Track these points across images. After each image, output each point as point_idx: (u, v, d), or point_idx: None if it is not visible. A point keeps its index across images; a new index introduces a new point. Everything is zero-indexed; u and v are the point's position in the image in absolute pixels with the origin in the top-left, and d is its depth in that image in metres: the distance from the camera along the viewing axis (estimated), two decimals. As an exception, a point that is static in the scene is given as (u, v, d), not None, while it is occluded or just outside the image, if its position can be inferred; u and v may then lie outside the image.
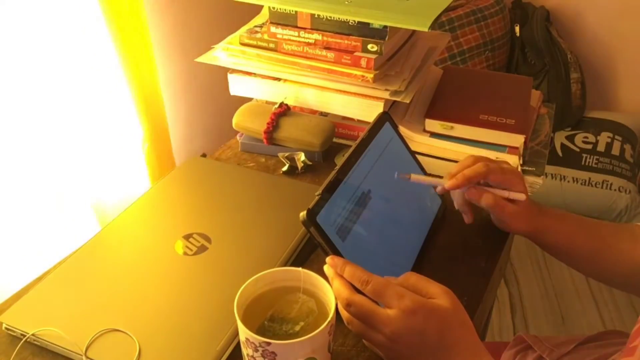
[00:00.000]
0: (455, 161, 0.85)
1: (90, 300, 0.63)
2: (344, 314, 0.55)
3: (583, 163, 1.94)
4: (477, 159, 0.70)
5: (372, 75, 0.83)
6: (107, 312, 0.62)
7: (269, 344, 0.50)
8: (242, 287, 0.54)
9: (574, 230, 0.72)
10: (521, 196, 0.69)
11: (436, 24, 0.76)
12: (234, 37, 0.92)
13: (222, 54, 0.91)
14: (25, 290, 0.66)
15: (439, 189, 0.72)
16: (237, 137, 0.93)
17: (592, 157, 1.96)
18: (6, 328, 0.61)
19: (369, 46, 0.83)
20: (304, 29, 0.85)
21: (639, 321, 0.62)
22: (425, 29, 0.76)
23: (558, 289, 1.75)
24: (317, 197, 0.57)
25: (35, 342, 0.60)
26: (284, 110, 0.89)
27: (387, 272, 0.64)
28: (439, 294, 0.54)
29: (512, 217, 0.70)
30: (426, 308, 0.52)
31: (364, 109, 0.86)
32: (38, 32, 0.82)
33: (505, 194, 0.69)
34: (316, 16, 0.83)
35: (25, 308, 0.62)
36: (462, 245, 0.74)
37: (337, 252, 0.57)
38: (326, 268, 0.57)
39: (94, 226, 0.98)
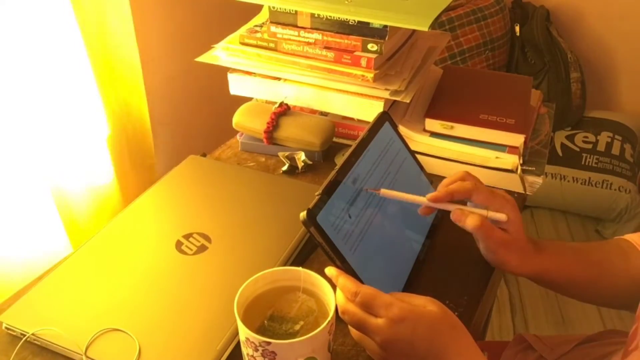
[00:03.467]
0: (456, 161, 0.85)
1: (90, 300, 0.63)
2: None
3: (583, 163, 1.94)
4: (468, 176, 0.66)
5: (372, 75, 0.83)
6: (107, 311, 0.62)
7: (269, 343, 0.50)
8: (242, 287, 0.54)
9: (571, 263, 0.69)
10: (501, 216, 0.63)
11: (436, 24, 0.76)
12: (234, 36, 0.92)
13: (222, 53, 0.91)
14: (25, 289, 0.66)
15: (420, 209, 0.65)
16: (237, 136, 0.93)
17: (592, 156, 1.96)
18: (6, 327, 0.61)
19: (369, 46, 0.83)
20: (304, 28, 0.85)
21: (636, 321, 0.62)
22: (425, 29, 0.76)
23: (558, 288, 1.75)
24: (317, 197, 0.57)
25: (35, 342, 0.60)
26: (284, 110, 0.89)
27: (387, 271, 0.64)
28: (425, 302, 0.54)
29: (501, 246, 0.64)
30: (414, 314, 0.52)
31: (363, 108, 0.86)
32: (9, 27, 0.82)
33: (484, 212, 0.63)
34: (316, 16, 0.83)
35: (25, 308, 0.62)
36: (462, 245, 0.74)
37: (337, 252, 0.57)
38: (327, 270, 0.57)
39: (53, 216, 0.97)
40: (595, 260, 0.70)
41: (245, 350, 0.54)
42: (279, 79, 0.90)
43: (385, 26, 0.81)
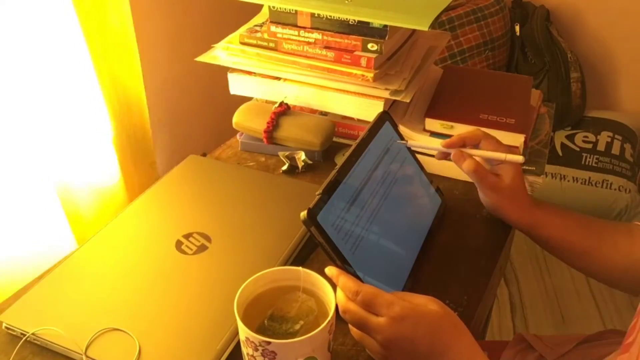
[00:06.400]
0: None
1: (90, 300, 0.63)
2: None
3: (583, 162, 1.94)
4: (479, 130, 0.71)
5: (372, 75, 0.82)
6: (107, 311, 0.62)
7: (269, 343, 0.50)
8: (242, 287, 0.54)
9: (571, 225, 0.71)
10: (518, 158, 0.68)
11: (436, 23, 0.76)
12: (234, 36, 0.92)
13: (222, 53, 0.91)
14: (25, 289, 0.66)
15: (437, 154, 0.73)
16: (237, 136, 0.93)
17: (592, 156, 1.96)
18: (6, 327, 0.61)
19: (369, 45, 0.83)
20: (304, 28, 0.85)
21: (636, 316, 0.62)
22: (425, 28, 0.76)
23: (558, 288, 1.75)
24: (317, 197, 0.57)
25: (35, 342, 0.60)
26: (284, 110, 0.89)
27: (387, 271, 0.64)
28: (427, 302, 0.54)
29: (494, 190, 0.70)
30: (415, 313, 0.53)
31: (364, 108, 0.86)
32: (12, 27, 0.82)
33: (502, 156, 0.69)
34: (316, 15, 0.83)
35: (25, 307, 0.62)
36: (462, 244, 0.74)
37: (338, 252, 0.57)
38: (327, 269, 0.57)
39: (58, 213, 0.97)
40: (598, 231, 0.71)
41: (245, 350, 0.54)
42: (279, 78, 0.90)
43: (385, 26, 0.81)
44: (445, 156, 0.73)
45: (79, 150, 0.99)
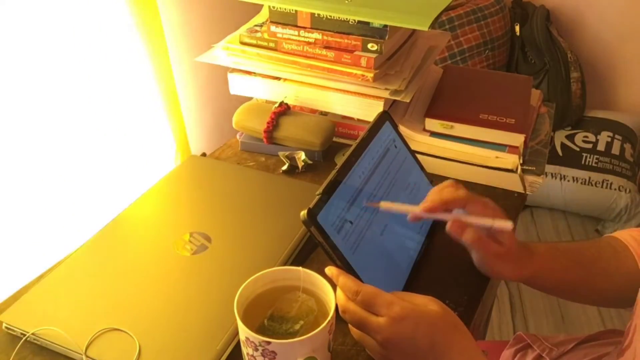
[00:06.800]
0: (456, 160, 0.85)
1: (90, 300, 0.63)
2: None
3: (583, 162, 1.94)
4: (459, 186, 0.64)
5: (372, 75, 0.82)
6: (107, 311, 0.62)
7: (269, 343, 0.50)
8: (242, 286, 0.54)
9: (565, 265, 0.69)
10: (508, 225, 0.61)
11: (436, 23, 0.76)
12: (234, 36, 0.92)
13: (222, 53, 0.91)
14: (25, 289, 0.66)
15: (409, 216, 0.64)
16: (237, 136, 0.93)
17: (592, 156, 1.96)
18: (6, 327, 0.61)
19: (369, 45, 0.83)
20: (304, 28, 0.85)
21: (630, 318, 0.62)
22: (425, 28, 0.76)
23: (558, 288, 1.75)
24: (317, 197, 0.57)
25: (35, 341, 0.60)
26: (284, 110, 0.89)
27: (387, 271, 0.64)
28: (427, 302, 0.54)
29: (497, 259, 0.64)
30: (415, 313, 0.53)
31: (364, 108, 0.86)
32: (64, 33, 0.83)
33: (489, 222, 0.61)
34: (316, 15, 0.83)
35: (25, 307, 0.62)
36: (462, 244, 0.74)
37: (338, 252, 0.57)
38: (327, 269, 0.57)
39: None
40: (586, 261, 0.70)
41: (245, 350, 0.54)
42: (279, 78, 0.90)
43: (385, 26, 0.81)
44: (420, 219, 0.65)
45: (86, 150, 0.99)
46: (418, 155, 0.77)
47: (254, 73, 0.91)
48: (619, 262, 0.69)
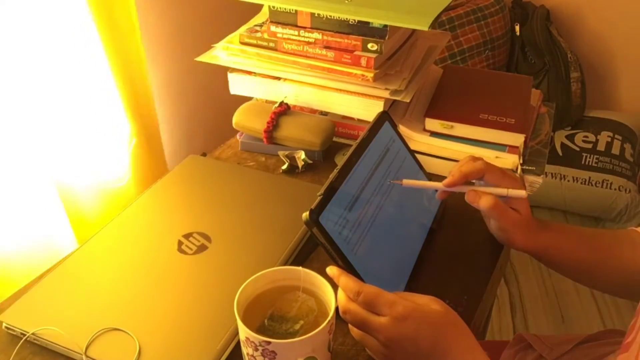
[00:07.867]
0: (456, 160, 0.85)
1: (90, 300, 0.63)
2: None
3: (583, 162, 1.94)
4: (476, 159, 0.68)
5: (372, 75, 0.82)
6: (107, 311, 0.62)
7: (269, 343, 0.50)
8: (242, 286, 0.54)
9: (576, 243, 0.70)
10: (522, 193, 0.66)
11: (436, 23, 0.76)
12: (234, 36, 0.92)
13: (222, 53, 0.91)
14: (25, 289, 0.66)
15: (438, 193, 0.69)
16: (237, 136, 0.93)
17: (592, 156, 1.96)
18: (6, 327, 0.61)
19: (369, 45, 0.83)
20: (304, 28, 0.85)
21: (636, 315, 0.62)
22: (425, 28, 0.76)
23: (558, 288, 1.75)
24: (319, 198, 0.57)
25: (35, 341, 0.60)
26: (284, 110, 0.89)
27: (389, 271, 0.64)
28: (429, 301, 0.54)
29: (512, 226, 0.67)
30: (417, 313, 0.52)
31: (364, 108, 0.86)
32: (24, 28, 0.83)
33: (504, 191, 0.66)
34: (316, 15, 0.83)
35: (25, 307, 0.62)
36: (462, 244, 0.74)
37: (340, 253, 0.57)
38: (328, 269, 0.57)
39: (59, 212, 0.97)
40: (601, 246, 0.71)
41: (245, 350, 0.54)
42: (279, 78, 0.90)
43: (385, 26, 0.81)
44: (446, 195, 0.69)
45: (85, 150, 0.99)
46: (418, 155, 0.77)
47: (254, 73, 0.91)
48: (636, 254, 0.69)
